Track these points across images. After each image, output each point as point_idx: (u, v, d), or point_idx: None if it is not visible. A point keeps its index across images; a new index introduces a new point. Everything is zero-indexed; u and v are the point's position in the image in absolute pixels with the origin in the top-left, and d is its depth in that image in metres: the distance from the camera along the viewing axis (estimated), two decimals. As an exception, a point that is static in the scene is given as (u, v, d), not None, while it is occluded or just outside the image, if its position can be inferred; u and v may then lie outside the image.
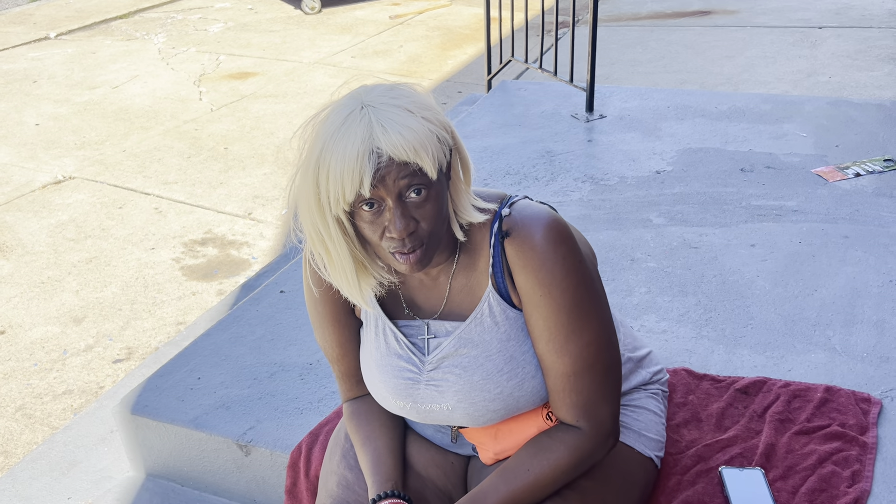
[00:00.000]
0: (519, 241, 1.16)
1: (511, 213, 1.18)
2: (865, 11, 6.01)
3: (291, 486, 1.74)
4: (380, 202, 1.07)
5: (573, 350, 1.17)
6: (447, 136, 1.10)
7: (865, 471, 1.52)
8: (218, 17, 7.80)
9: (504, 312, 1.20)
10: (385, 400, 1.29)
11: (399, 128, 1.03)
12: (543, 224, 1.16)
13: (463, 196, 1.17)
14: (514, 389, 1.21)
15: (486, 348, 1.21)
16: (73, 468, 2.23)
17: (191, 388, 2.01)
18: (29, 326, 3.14)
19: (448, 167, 1.13)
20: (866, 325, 1.98)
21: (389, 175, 1.04)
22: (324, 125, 1.07)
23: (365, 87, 1.09)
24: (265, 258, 3.52)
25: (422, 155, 1.04)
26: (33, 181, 4.43)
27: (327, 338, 1.33)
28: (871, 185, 2.69)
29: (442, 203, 1.10)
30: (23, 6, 8.57)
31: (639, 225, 2.55)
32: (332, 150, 1.04)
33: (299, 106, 5.35)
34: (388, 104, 1.05)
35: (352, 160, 1.02)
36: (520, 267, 1.16)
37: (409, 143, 1.03)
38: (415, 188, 1.06)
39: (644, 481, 1.36)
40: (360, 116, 1.04)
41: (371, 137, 1.02)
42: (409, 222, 1.07)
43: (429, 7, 7.71)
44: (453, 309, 1.24)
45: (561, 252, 1.15)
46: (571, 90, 3.70)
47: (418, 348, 1.26)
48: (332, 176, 1.04)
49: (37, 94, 5.83)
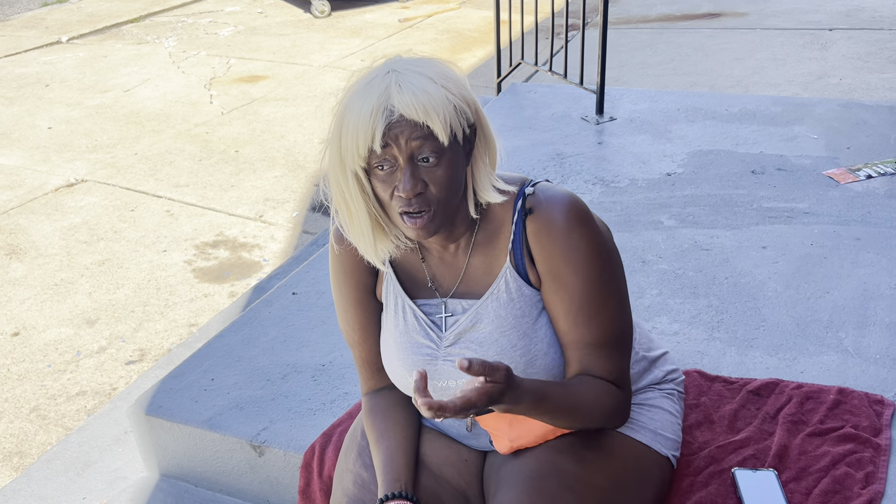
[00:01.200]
0: (542, 219, 1.20)
1: (535, 191, 1.23)
2: (876, 13, 5.99)
3: (305, 486, 1.75)
4: (393, 162, 1.11)
5: (604, 321, 1.22)
6: (467, 109, 1.14)
7: (879, 472, 1.52)
8: (228, 20, 7.83)
9: (520, 289, 1.24)
10: (402, 378, 1.31)
11: (414, 89, 1.07)
12: (566, 203, 1.21)
13: (483, 175, 1.21)
14: (526, 366, 1.24)
15: (501, 324, 1.24)
16: (88, 468, 2.25)
17: (204, 389, 2.02)
18: (42, 328, 3.16)
19: (468, 142, 1.17)
20: (879, 327, 1.98)
21: (402, 134, 1.08)
22: (354, 87, 1.13)
23: (399, 57, 1.15)
24: (276, 260, 3.54)
25: (433, 117, 1.08)
26: (46, 184, 4.46)
27: (349, 320, 1.36)
28: (882, 186, 2.68)
29: (455, 172, 1.14)
30: (35, 10, 8.64)
31: (650, 227, 2.55)
32: (352, 106, 1.10)
33: (309, 109, 5.37)
34: (412, 70, 1.10)
35: (366, 115, 1.08)
36: (542, 245, 1.20)
37: (422, 103, 1.07)
38: (427, 152, 1.10)
39: (660, 480, 1.36)
40: (383, 79, 1.10)
41: (387, 95, 1.08)
42: (417, 183, 1.11)
43: (438, 10, 7.73)
44: (470, 286, 1.27)
45: (585, 231, 1.20)
46: (581, 93, 3.71)
47: (437, 325, 1.29)
48: (350, 130, 1.09)
49: (49, 97, 5.87)
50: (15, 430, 2.62)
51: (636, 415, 1.38)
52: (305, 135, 4.94)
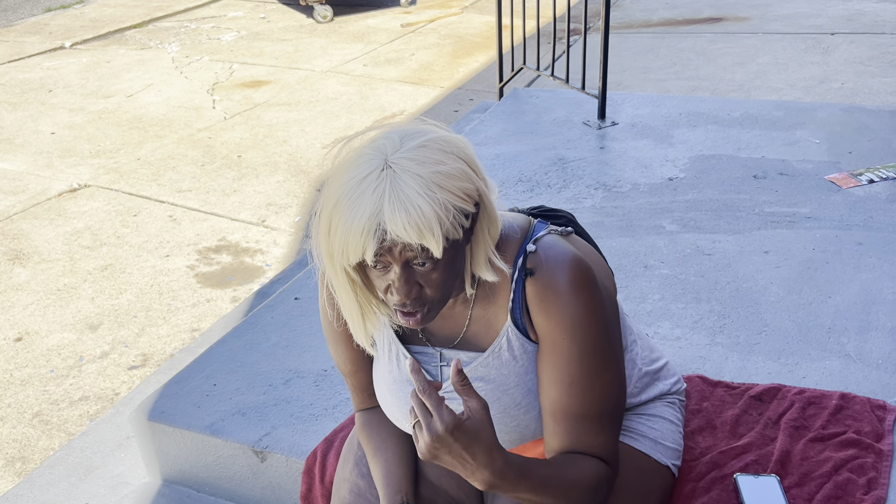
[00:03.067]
0: (542, 282, 1.15)
1: (536, 249, 1.17)
2: (878, 18, 5.99)
3: (307, 491, 1.75)
4: (386, 264, 1.06)
5: (596, 394, 1.16)
6: (469, 205, 1.06)
7: (881, 478, 1.52)
8: (231, 26, 7.85)
9: (522, 346, 1.20)
10: (400, 423, 1.30)
11: (407, 206, 1.00)
12: (568, 267, 1.14)
13: (482, 251, 1.14)
14: (530, 422, 1.22)
15: (504, 382, 1.21)
16: (90, 474, 2.25)
17: (207, 395, 2.02)
18: (45, 333, 3.16)
19: (468, 231, 1.10)
20: (881, 332, 1.98)
21: (396, 247, 1.03)
22: (345, 174, 1.04)
23: (396, 135, 1.06)
24: (279, 265, 3.54)
25: (427, 237, 1.01)
26: (49, 189, 4.47)
27: (340, 355, 1.35)
28: (884, 191, 2.68)
29: (451, 272, 1.09)
30: (38, 16, 8.66)
31: (652, 232, 2.55)
32: (342, 212, 1.02)
33: (312, 114, 5.38)
34: (409, 171, 1.01)
35: (357, 233, 1.01)
36: (541, 309, 1.15)
37: (416, 225, 1.00)
38: (423, 259, 1.05)
39: (661, 490, 1.36)
40: (378, 182, 1.01)
41: (379, 213, 1.00)
42: (412, 288, 1.06)
43: (440, 15, 7.74)
44: (469, 339, 1.24)
45: (584, 299, 1.14)
46: (583, 97, 3.71)
47: (431, 376, 1.26)
48: (339, 239, 1.03)
49: (52, 103, 5.89)
50: (17, 435, 2.62)
51: (637, 424, 1.38)
52: (308, 140, 4.95)
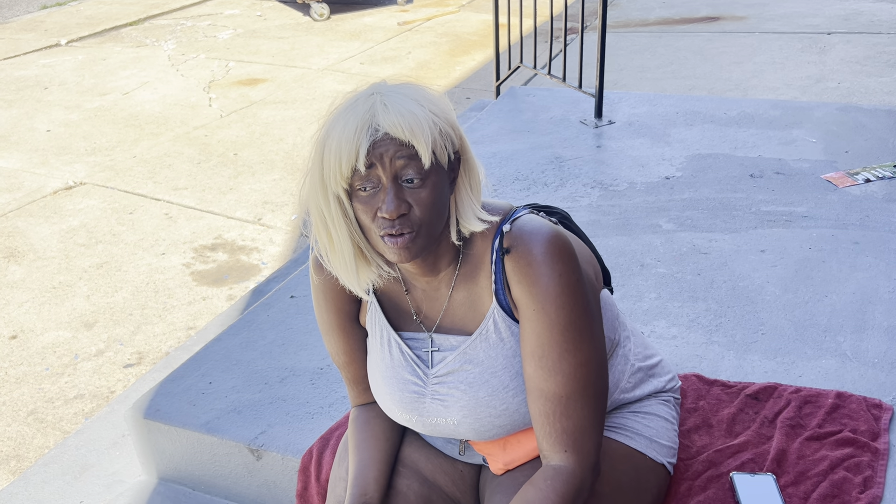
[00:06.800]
0: (519, 254, 1.14)
1: (512, 229, 1.17)
2: (874, 17, 6.00)
3: (302, 490, 1.74)
4: (376, 183, 1.08)
5: (566, 370, 1.13)
6: (452, 134, 1.12)
7: (877, 477, 1.52)
8: (227, 23, 7.84)
9: (509, 328, 1.19)
10: (392, 412, 1.30)
11: (400, 109, 1.06)
12: (543, 239, 1.14)
13: (466, 202, 1.16)
14: (520, 405, 1.21)
15: (492, 364, 1.21)
16: (85, 472, 2.24)
17: (202, 393, 2.02)
18: (40, 331, 3.15)
19: (452, 170, 1.14)
20: (877, 331, 1.98)
21: (387, 153, 1.06)
22: (337, 110, 1.12)
23: (384, 82, 1.14)
24: (275, 263, 3.53)
25: (418, 137, 1.06)
26: (45, 187, 4.46)
27: (334, 345, 1.35)
28: (881, 190, 2.68)
29: (439, 194, 1.11)
30: (34, 13, 8.64)
31: (648, 231, 2.55)
32: (335, 128, 1.09)
33: (308, 112, 5.37)
34: (397, 92, 1.09)
35: (350, 133, 1.06)
36: (516, 281, 1.15)
37: (408, 123, 1.06)
38: (412, 173, 1.08)
39: (656, 488, 1.36)
40: (367, 100, 1.09)
41: (372, 114, 1.07)
42: (401, 204, 1.08)
43: (437, 14, 7.73)
44: (455, 322, 1.23)
45: (558, 268, 1.12)
46: (580, 96, 3.71)
47: (423, 361, 1.26)
48: (333, 151, 1.08)
49: (48, 100, 5.87)
50: (12, 433, 2.62)
51: (631, 422, 1.38)
52: (304, 138, 4.94)
